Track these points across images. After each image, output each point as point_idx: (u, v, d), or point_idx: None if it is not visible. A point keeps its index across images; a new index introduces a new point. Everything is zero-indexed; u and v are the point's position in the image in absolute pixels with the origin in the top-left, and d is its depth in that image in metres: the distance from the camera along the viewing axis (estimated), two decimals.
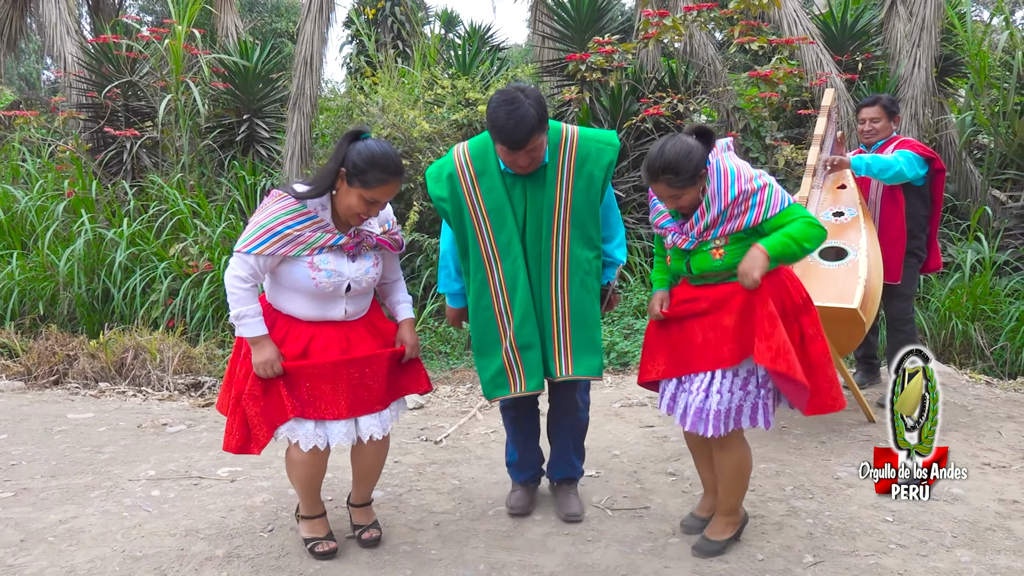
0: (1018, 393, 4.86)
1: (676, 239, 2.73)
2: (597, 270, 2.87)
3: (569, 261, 2.80)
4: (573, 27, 8.40)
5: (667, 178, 2.54)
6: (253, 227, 2.54)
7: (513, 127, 2.57)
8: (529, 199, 2.80)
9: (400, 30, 10.53)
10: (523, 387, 2.83)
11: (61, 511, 3.19)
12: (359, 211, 2.57)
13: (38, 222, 6.47)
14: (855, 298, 3.61)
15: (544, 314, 2.83)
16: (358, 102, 7.11)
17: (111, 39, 7.81)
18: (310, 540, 2.82)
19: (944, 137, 7.42)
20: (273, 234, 2.51)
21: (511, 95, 2.61)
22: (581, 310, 2.82)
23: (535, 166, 2.74)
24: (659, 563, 2.77)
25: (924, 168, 4.16)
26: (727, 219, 2.60)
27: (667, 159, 2.52)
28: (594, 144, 2.81)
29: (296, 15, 13.76)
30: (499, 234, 2.80)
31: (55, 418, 4.45)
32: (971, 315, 5.75)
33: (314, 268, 2.57)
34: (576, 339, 2.83)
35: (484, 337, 2.88)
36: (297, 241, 2.54)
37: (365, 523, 2.94)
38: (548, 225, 2.79)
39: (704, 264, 2.66)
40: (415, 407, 4.74)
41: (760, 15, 7.16)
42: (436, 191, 2.87)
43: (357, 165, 2.51)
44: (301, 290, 2.61)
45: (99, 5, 10.35)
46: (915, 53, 7.01)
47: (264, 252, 2.51)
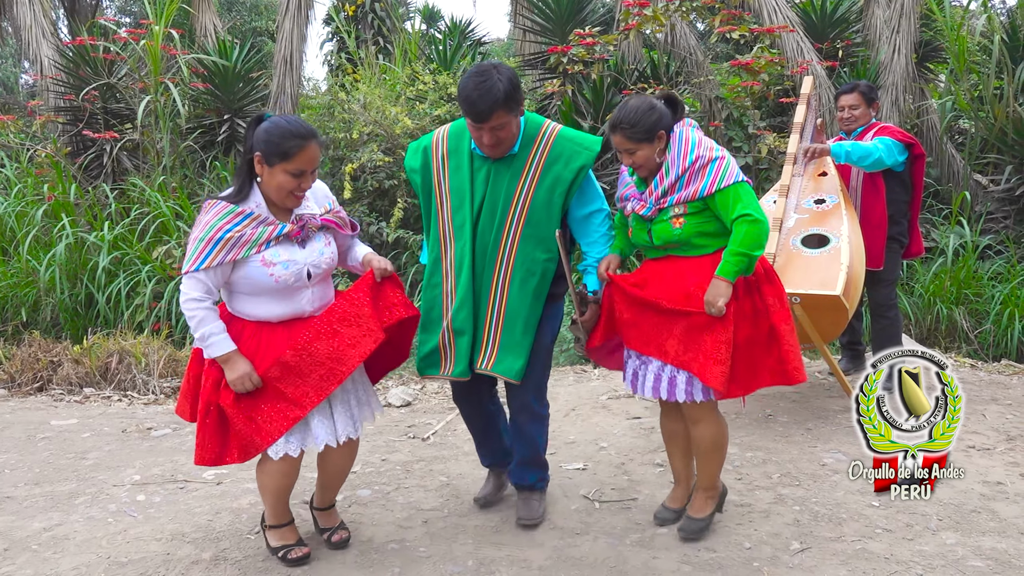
0: (1002, 376, 4.90)
1: (635, 206, 2.75)
2: (546, 273, 2.76)
3: (516, 257, 2.75)
4: (554, 20, 8.38)
5: (624, 130, 2.62)
6: (193, 243, 2.46)
7: (477, 97, 2.56)
8: (490, 186, 2.76)
9: (380, 26, 10.47)
10: (451, 370, 2.83)
11: (45, 518, 3.16)
12: (291, 188, 2.49)
13: (18, 228, 6.40)
14: (838, 285, 3.62)
15: (481, 304, 2.80)
16: (339, 100, 7.08)
17: (88, 41, 7.73)
18: (280, 548, 2.74)
19: (925, 122, 7.46)
20: (215, 243, 2.43)
21: (484, 68, 2.61)
22: (515, 309, 2.76)
23: (501, 150, 2.71)
24: (647, 554, 2.77)
25: (903, 154, 4.18)
26: (684, 185, 2.64)
27: (627, 111, 2.63)
28: (570, 145, 2.76)
29: (275, 13, 13.65)
30: (456, 215, 2.80)
31: (38, 425, 4.41)
32: (955, 299, 5.78)
33: (268, 264, 2.49)
34: (504, 336, 2.77)
35: (429, 314, 2.88)
36: (241, 242, 2.46)
37: (332, 525, 2.89)
38: (502, 216, 2.75)
39: (665, 233, 2.68)
40: (402, 404, 4.73)
41: (741, 4, 7.16)
42: (410, 162, 2.93)
43: (269, 142, 2.45)
44: (263, 291, 2.53)
45: (75, 7, 10.25)
46: (895, 39, 7.04)
47: (212, 264, 2.43)
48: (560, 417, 4.26)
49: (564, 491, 3.32)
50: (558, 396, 4.57)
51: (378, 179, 6.63)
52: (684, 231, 2.66)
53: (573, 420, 4.26)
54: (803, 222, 4.07)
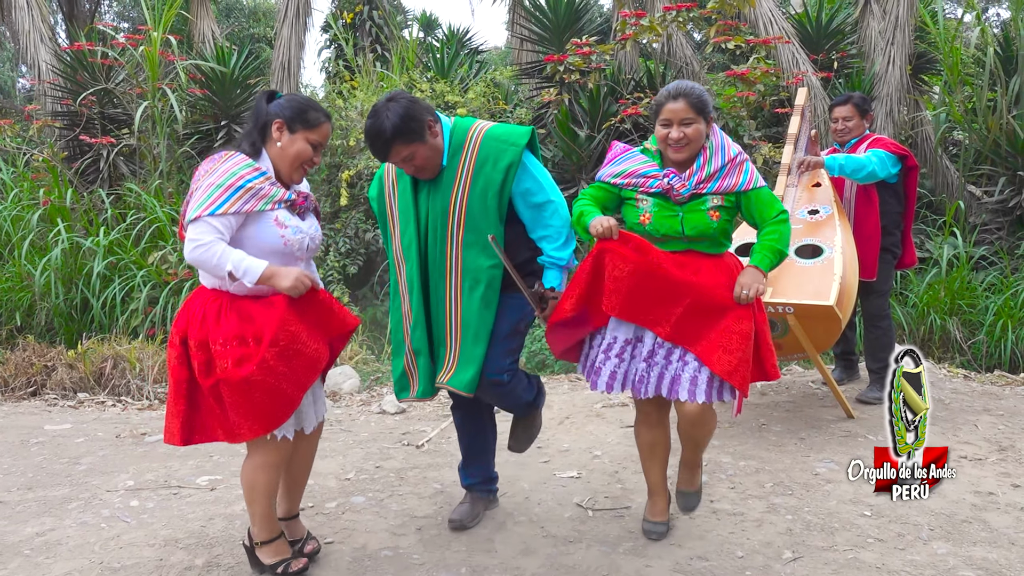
0: (994, 386, 4.92)
1: (663, 184, 2.62)
2: (492, 280, 2.71)
3: (462, 268, 2.73)
4: (551, 29, 8.43)
5: (688, 97, 2.59)
6: (207, 190, 2.31)
7: (371, 139, 2.62)
8: (429, 203, 2.76)
9: (378, 34, 10.49)
10: (416, 391, 2.85)
11: (38, 523, 3.15)
12: (307, 157, 2.48)
13: (14, 232, 6.40)
14: (831, 295, 3.64)
15: (439, 320, 2.79)
16: (337, 106, 7.10)
17: (86, 46, 7.75)
18: (279, 563, 2.61)
19: (920, 134, 7.51)
20: (234, 190, 2.32)
21: (377, 107, 2.61)
22: (467, 320, 2.74)
23: (427, 172, 2.71)
24: (640, 562, 2.78)
25: (897, 166, 4.20)
26: (724, 175, 2.64)
27: (688, 85, 2.64)
28: (495, 145, 2.70)
29: (273, 20, 13.69)
30: (403, 237, 2.82)
31: (32, 430, 4.40)
32: (949, 310, 5.81)
33: (280, 225, 2.42)
34: (461, 347, 2.76)
35: (396, 337, 2.93)
36: (260, 194, 2.37)
37: (300, 537, 2.79)
38: (443, 230, 2.74)
39: (702, 224, 2.61)
40: (396, 411, 4.73)
41: (737, 15, 7.21)
42: (370, 191, 2.98)
43: (296, 109, 2.46)
44: (267, 253, 2.41)
45: (74, 12, 10.27)
46: (889, 51, 7.09)
47: (229, 210, 2.30)
48: (554, 425, 4.27)
49: (557, 499, 3.32)
50: (552, 404, 4.58)
51: None
52: (719, 225, 2.63)
53: (567, 428, 4.27)
54: (797, 232, 4.09)
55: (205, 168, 2.41)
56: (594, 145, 7.04)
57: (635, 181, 2.70)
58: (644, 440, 2.89)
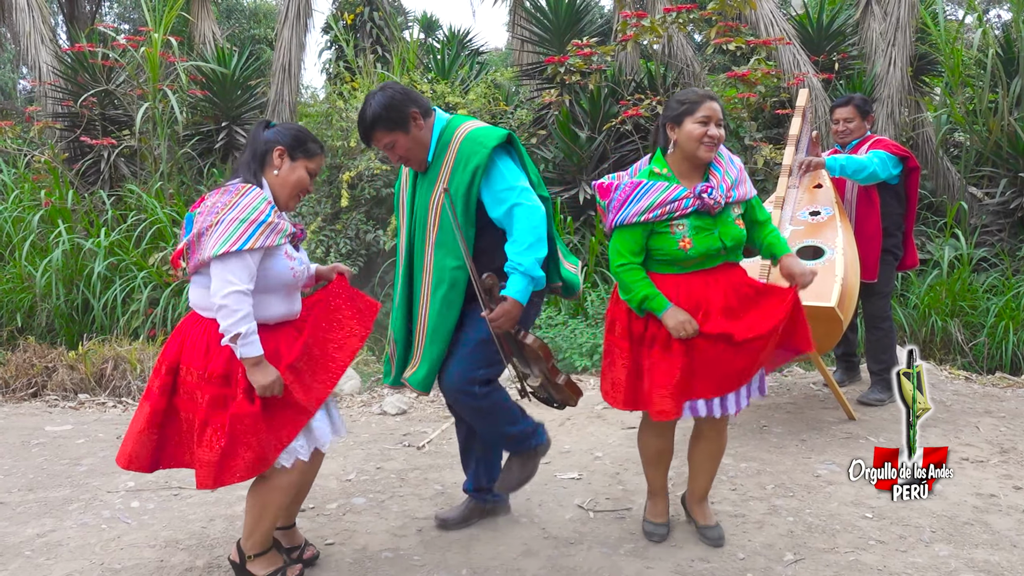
0: (996, 388, 4.91)
1: (701, 199, 2.57)
2: (455, 281, 2.69)
3: (432, 266, 2.75)
4: (552, 30, 8.43)
5: (719, 103, 2.64)
6: (232, 224, 2.29)
7: (358, 122, 2.70)
8: (419, 199, 2.81)
9: (379, 35, 10.48)
10: (392, 378, 2.92)
11: (38, 525, 3.15)
12: (305, 186, 2.51)
13: (15, 233, 6.39)
14: (832, 296, 3.64)
15: (414, 314, 2.85)
16: (337, 108, 7.09)
17: (87, 47, 7.75)
18: (275, 572, 2.58)
19: (921, 135, 7.50)
20: (258, 224, 2.31)
21: (368, 94, 2.69)
22: (431, 318, 2.76)
23: (412, 164, 2.78)
24: (641, 564, 2.77)
25: (898, 167, 4.20)
26: (739, 183, 2.71)
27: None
28: (468, 147, 2.66)
29: (273, 21, 13.70)
30: (400, 230, 2.92)
31: (33, 431, 4.40)
32: (950, 311, 5.80)
33: (290, 257, 2.44)
34: (424, 346, 2.78)
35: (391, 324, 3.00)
36: (277, 229, 2.37)
37: (298, 544, 2.79)
38: (423, 227, 2.78)
39: (736, 233, 2.66)
40: (397, 412, 4.73)
41: (737, 16, 7.21)
42: (396, 183, 3.04)
43: (296, 138, 2.48)
44: (279, 286, 2.43)
45: (74, 13, 10.27)
46: (890, 52, 7.09)
47: (255, 245, 2.29)
48: (555, 427, 4.26)
49: (558, 500, 3.32)
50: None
51: (375, 187, 6.64)
52: (745, 233, 2.72)
53: (568, 429, 4.26)
54: (798, 234, 4.09)
55: (222, 201, 2.35)
56: (595, 146, 7.04)
57: (669, 208, 2.57)
58: (653, 448, 2.90)
